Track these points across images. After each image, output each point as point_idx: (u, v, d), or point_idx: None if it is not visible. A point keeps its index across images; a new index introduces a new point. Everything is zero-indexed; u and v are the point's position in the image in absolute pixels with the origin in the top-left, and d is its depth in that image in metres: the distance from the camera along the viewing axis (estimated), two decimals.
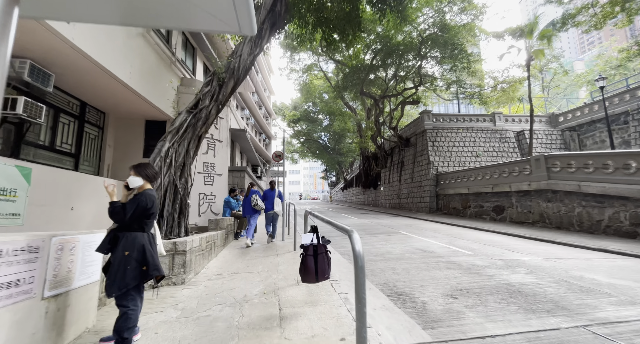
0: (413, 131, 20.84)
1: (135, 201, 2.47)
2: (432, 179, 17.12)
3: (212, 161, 9.98)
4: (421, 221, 13.37)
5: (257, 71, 32.97)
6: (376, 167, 26.85)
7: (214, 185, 9.89)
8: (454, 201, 15.33)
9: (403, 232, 9.21)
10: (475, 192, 13.70)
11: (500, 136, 18.96)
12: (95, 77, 6.16)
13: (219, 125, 10.34)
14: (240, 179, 10.56)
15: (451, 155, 17.92)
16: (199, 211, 9.42)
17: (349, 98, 34.28)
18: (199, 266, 4.84)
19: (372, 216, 16.12)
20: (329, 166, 46.91)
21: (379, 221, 13.03)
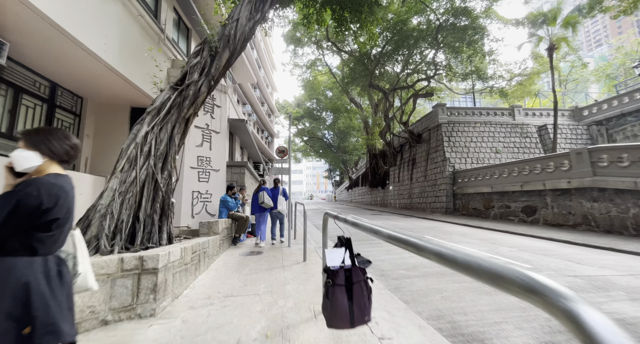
0: (425, 125, 19.52)
1: (12, 196, 1.23)
2: (448, 177, 15.80)
3: (208, 154, 8.76)
4: (440, 223, 12.07)
5: (259, 66, 31.78)
6: (384, 166, 25.55)
7: (209, 182, 8.67)
8: (474, 200, 14.00)
9: (427, 237, 7.93)
10: (500, 191, 12.38)
11: (521, 130, 17.59)
12: (62, 49, 4.96)
13: (215, 114, 9.13)
14: (240, 176, 9.35)
15: (468, 151, 16.59)
16: (192, 211, 8.20)
17: (354, 94, 33.04)
18: (180, 286, 3.61)
19: (384, 217, 14.84)
20: (334, 164, 45.64)
21: (394, 223, 11.75)
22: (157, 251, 3.12)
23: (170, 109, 4.89)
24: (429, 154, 18.07)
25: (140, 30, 6.77)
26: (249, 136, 11.70)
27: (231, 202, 7.06)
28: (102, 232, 3.96)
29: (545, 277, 0.67)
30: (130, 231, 4.35)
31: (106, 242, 3.92)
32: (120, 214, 4.23)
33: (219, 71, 5.26)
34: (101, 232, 3.96)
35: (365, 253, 5.59)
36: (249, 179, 10.73)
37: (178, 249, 3.61)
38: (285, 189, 7.63)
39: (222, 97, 9.37)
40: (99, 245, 3.88)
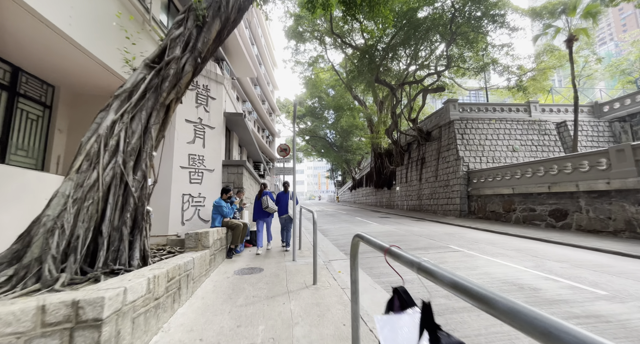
0: (435, 122, 18.45)
1: None
2: (462, 177, 14.73)
3: (201, 152, 7.73)
4: (458, 227, 11.00)
5: (260, 62, 30.77)
6: (390, 165, 24.49)
7: (203, 183, 7.65)
8: (492, 203, 12.92)
9: (454, 247, 6.88)
10: (523, 193, 11.30)
11: (539, 127, 16.50)
12: (16, 22, 3.96)
13: (210, 107, 8.10)
14: (238, 177, 8.32)
15: (483, 149, 15.51)
16: (183, 217, 7.17)
17: (358, 91, 32.00)
18: (145, 334, 2.58)
19: (394, 221, 13.78)
20: (336, 164, 44.59)
21: (408, 228, 10.69)
22: (100, 294, 2.07)
23: (145, 92, 3.87)
24: (440, 152, 17.00)
25: (119, 5, 5.73)
26: (248, 133, 10.67)
27: (226, 208, 6.03)
28: (48, 253, 2.96)
29: None
30: (91, 249, 3.35)
31: (52, 267, 2.92)
32: (74, 228, 3.23)
33: (207, 46, 4.22)
34: (46, 254, 2.96)
35: (373, 267, 4.54)
36: (248, 181, 9.70)
37: (143, 281, 2.57)
38: (296, 194, 6.91)
39: (218, 89, 8.35)
40: (41, 272, 2.87)
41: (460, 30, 14.05)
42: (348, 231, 10.30)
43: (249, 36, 25.56)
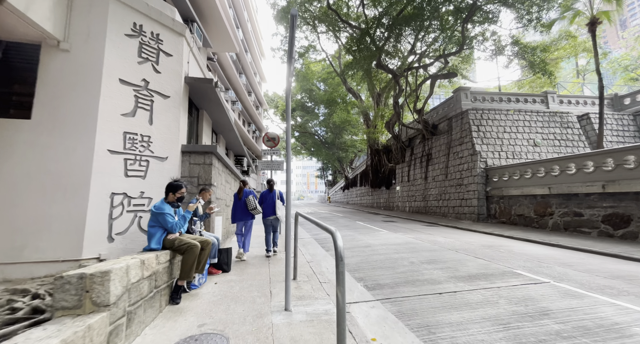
0: (443, 114, 16.40)
1: None
2: (479, 175, 12.68)
3: (146, 130, 5.18)
4: (489, 236, 8.87)
5: (245, 50, 28.06)
6: (389, 163, 22.37)
7: (147, 177, 5.09)
8: (520, 205, 10.89)
9: (523, 273, 4.65)
10: (563, 193, 9.29)
11: (560, 120, 14.70)
12: None
13: (162, 65, 5.55)
14: (205, 169, 5.81)
15: (502, 143, 13.54)
16: (111, 229, 4.60)
17: (353, 83, 29.79)
18: None
19: (404, 226, 11.56)
20: (329, 162, 42.25)
21: (430, 238, 8.46)
22: None
23: None
24: (451, 147, 14.93)
25: None
26: (224, 113, 8.12)
27: (169, 216, 3.55)
28: None
29: None
30: None
31: None
32: None
33: None
34: None
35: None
36: (223, 176, 7.19)
37: None
38: (282, 192, 6.16)
39: (177, 43, 5.81)
40: None
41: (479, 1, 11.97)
42: (355, 242, 7.96)
43: (233, 17, 22.86)
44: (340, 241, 1.93)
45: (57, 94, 4.48)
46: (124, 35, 4.98)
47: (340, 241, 1.93)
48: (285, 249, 3.59)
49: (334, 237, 1.96)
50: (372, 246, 7.28)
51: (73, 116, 4.47)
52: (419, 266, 5.16)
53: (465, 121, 14.10)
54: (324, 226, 2.26)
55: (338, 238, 1.95)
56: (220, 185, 6.77)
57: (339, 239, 1.94)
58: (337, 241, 1.93)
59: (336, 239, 1.94)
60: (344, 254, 1.89)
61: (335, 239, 1.95)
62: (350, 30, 20.20)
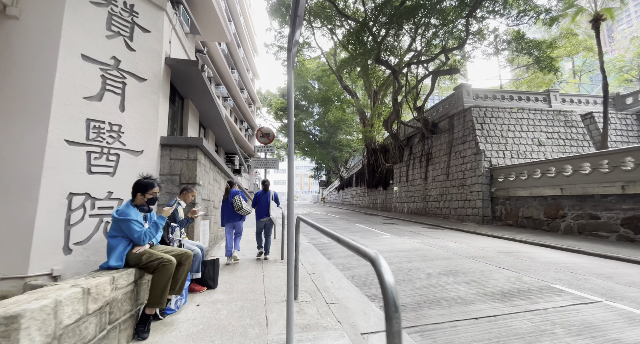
0: (444, 112, 15.84)
1: None
2: (483, 175, 12.12)
3: (116, 118, 4.31)
4: (502, 241, 8.26)
5: (238, 44, 27.09)
6: (386, 162, 21.75)
7: (117, 174, 4.23)
8: (528, 206, 10.34)
9: (565, 289, 3.99)
10: (577, 195, 8.75)
11: (564, 119, 14.29)
12: None
13: (137, 42, 4.68)
14: (188, 165, 4.96)
15: (506, 142, 13.02)
16: (68, 237, 3.71)
17: (349, 81, 29.16)
18: None
19: (406, 229, 10.89)
20: (323, 162, 41.50)
21: (439, 243, 7.79)
22: None
23: None
24: (453, 146, 14.36)
25: None
26: (213, 105, 7.27)
27: (135, 224, 2.74)
28: None
29: None
30: None
31: None
32: None
33: None
34: None
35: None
36: (211, 174, 6.35)
37: None
38: (277, 193, 6.23)
39: (156, 18, 4.96)
40: None
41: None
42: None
43: (225, 9, 21.91)
44: (389, 275, 1.17)
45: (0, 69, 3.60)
46: (89, 2, 4.12)
47: (389, 276, 1.16)
48: (287, 263, 2.80)
49: (378, 268, 1.20)
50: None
51: (20, 97, 3.59)
52: (439, 279, 4.44)
53: (468, 119, 13.54)
54: (361, 249, 1.47)
55: (385, 270, 1.18)
56: (207, 184, 5.93)
57: (387, 273, 1.17)
58: (385, 276, 1.16)
59: (382, 271, 1.17)
60: (397, 299, 1.12)
61: (380, 271, 1.18)
62: (347, 26, 19.53)
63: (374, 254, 1.28)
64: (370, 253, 1.30)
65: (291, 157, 2.82)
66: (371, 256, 1.27)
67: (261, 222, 5.74)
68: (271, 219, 5.71)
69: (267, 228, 5.79)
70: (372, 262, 1.24)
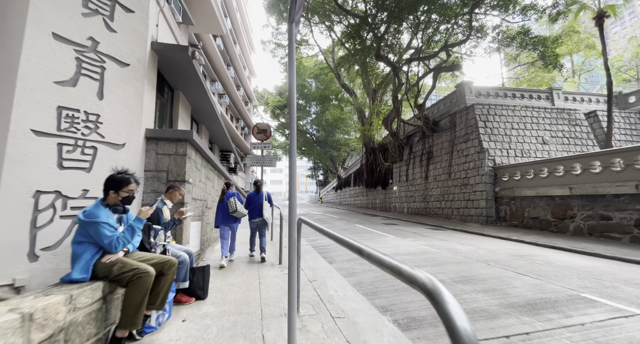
0: (445, 110, 15.49)
1: None
2: (487, 174, 11.76)
3: (93, 107, 3.81)
4: (511, 243, 7.89)
5: (234, 41, 26.54)
6: (385, 162, 21.37)
7: (94, 169, 3.73)
8: (534, 207, 10.00)
9: (593, 298, 3.60)
10: (587, 195, 8.41)
11: (568, 117, 14.00)
12: None
13: (117, 23, 4.20)
14: (177, 161, 4.49)
15: (510, 141, 12.69)
16: (33, 242, 3.19)
17: (347, 79, 28.74)
18: None
19: (409, 230, 10.49)
20: (320, 161, 41.04)
21: (446, 245, 7.39)
22: None
23: None
24: (455, 144, 14.01)
25: None
26: (206, 97, 6.78)
27: (105, 227, 2.28)
28: None
29: None
30: None
31: None
32: None
33: None
34: None
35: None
36: (203, 171, 5.87)
37: None
38: (270, 194, 6.12)
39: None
40: None
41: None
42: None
43: (221, 4, 21.35)
44: (463, 319, 0.72)
45: None
46: None
47: (464, 321, 0.71)
48: (289, 272, 2.34)
49: (443, 307, 0.75)
50: None
51: None
52: (454, 287, 4.02)
53: (470, 117, 13.19)
54: (405, 271, 1.01)
55: (454, 311, 0.73)
56: (198, 183, 5.46)
57: (458, 315, 0.72)
58: (457, 322, 0.71)
59: (451, 312, 0.73)
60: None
61: (447, 312, 0.73)
62: (347, 22, 19.09)
63: (428, 282, 0.83)
64: (422, 280, 0.85)
65: (293, 152, 2.36)
66: (426, 286, 0.82)
67: (254, 223, 5.71)
68: (264, 219, 5.66)
69: (260, 229, 5.73)
70: (430, 295, 0.79)
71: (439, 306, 0.75)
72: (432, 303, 0.78)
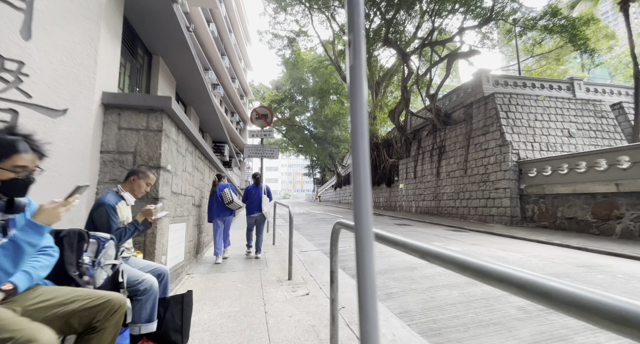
0: (459, 101, 14.34)
1: None
2: (511, 170, 10.63)
3: (14, 50, 2.40)
4: (554, 247, 6.73)
5: (229, 29, 25.05)
6: (389, 158, 20.21)
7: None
8: (569, 205, 8.88)
9: None
10: (639, 191, 7.29)
11: (594, 108, 12.96)
12: None
13: None
14: (148, 139, 3.17)
15: (534, 133, 11.58)
16: None
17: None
18: None
19: (429, 232, 9.31)
20: (319, 159, 39.75)
21: (482, 250, 6.21)
22: None
23: None
24: (471, 138, 12.86)
25: None
26: (195, 69, 5.44)
27: None
28: None
29: None
30: None
31: None
32: None
33: None
34: None
35: None
36: (188, 157, 4.54)
37: None
38: (269, 187, 5.90)
39: None
40: None
41: None
42: (388, 259, 5.56)
43: None
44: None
45: None
46: None
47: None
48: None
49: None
50: (416, 267, 4.89)
51: None
52: (545, 319, 2.79)
53: (490, 107, 12.04)
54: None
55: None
56: (182, 172, 4.14)
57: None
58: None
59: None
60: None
61: None
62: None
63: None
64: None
65: (360, 84, 1.07)
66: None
67: (252, 218, 5.44)
68: (263, 214, 5.43)
69: (259, 224, 5.49)
70: None
71: None
72: None
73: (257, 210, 5.41)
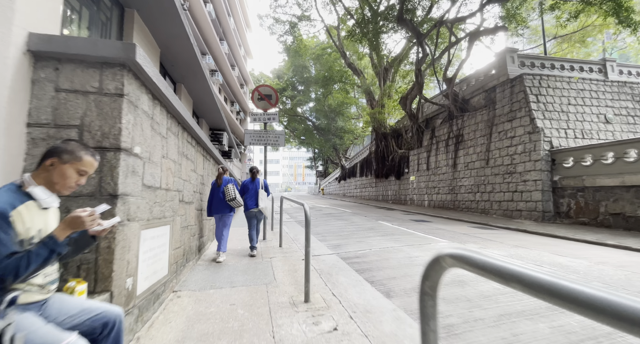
0: (480, 85, 13.12)
1: None
2: (543, 159, 9.52)
3: None
4: (616, 250, 5.69)
5: (228, 13, 23.61)
6: (398, 149, 19.06)
7: None
8: (615, 199, 7.81)
9: None
10: None
11: (631, 92, 11.74)
12: None
13: None
14: (101, 105, 2.13)
15: (568, 119, 10.40)
16: None
17: (354, 57, 26.17)
18: None
19: (454, 230, 8.29)
20: (322, 150, 38.58)
21: (531, 254, 5.20)
22: None
23: None
24: (494, 125, 11.70)
25: None
26: (183, 31, 4.33)
27: None
28: None
29: None
30: None
31: None
32: None
33: None
34: None
35: None
36: (172, 140, 3.48)
37: None
38: (267, 182, 5.78)
39: None
40: None
41: None
42: (419, 268, 4.54)
43: None
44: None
45: None
46: None
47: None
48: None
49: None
50: (464, 280, 3.86)
51: None
52: None
53: (518, 90, 10.84)
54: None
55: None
56: (161, 159, 3.08)
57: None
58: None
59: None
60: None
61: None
62: None
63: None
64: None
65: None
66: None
67: (251, 213, 5.31)
68: (261, 209, 5.32)
69: (257, 220, 5.42)
70: None
71: None
72: None
73: (254, 205, 5.32)
